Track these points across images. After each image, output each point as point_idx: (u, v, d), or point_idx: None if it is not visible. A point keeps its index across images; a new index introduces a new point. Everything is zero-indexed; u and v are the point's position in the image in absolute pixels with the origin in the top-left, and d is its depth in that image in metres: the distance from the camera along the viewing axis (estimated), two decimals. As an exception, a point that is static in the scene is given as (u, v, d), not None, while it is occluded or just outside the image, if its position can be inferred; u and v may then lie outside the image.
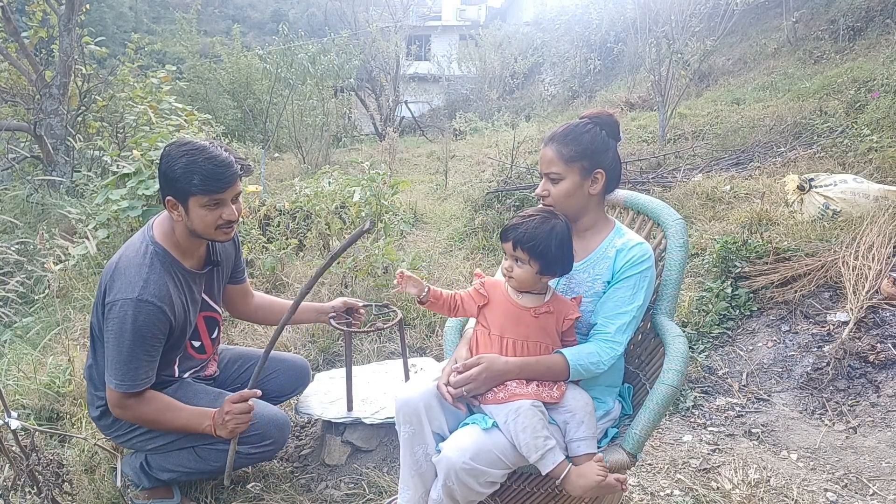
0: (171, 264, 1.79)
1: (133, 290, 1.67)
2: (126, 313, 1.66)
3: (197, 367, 2.01)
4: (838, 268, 3.07)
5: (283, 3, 41.64)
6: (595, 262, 1.64)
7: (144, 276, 1.70)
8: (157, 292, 1.70)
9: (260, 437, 1.88)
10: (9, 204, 6.18)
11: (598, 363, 1.53)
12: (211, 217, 1.71)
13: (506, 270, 1.57)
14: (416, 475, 1.54)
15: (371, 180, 4.69)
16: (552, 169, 1.62)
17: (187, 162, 1.65)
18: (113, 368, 1.71)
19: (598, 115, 1.66)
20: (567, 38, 14.23)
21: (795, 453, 2.35)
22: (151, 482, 1.94)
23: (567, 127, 1.64)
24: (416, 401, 1.52)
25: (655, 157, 6.61)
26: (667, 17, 6.98)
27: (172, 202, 1.71)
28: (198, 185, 1.65)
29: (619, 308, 1.57)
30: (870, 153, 4.75)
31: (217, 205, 1.71)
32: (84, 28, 7.24)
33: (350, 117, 14.04)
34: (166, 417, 1.77)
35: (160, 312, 1.70)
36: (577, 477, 1.42)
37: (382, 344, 3.19)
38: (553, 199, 1.63)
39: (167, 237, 1.80)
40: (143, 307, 1.67)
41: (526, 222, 1.53)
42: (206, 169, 1.65)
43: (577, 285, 1.65)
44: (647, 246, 1.62)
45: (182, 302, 1.81)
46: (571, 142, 1.61)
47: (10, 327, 3.67)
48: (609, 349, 1.55)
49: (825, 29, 9.14)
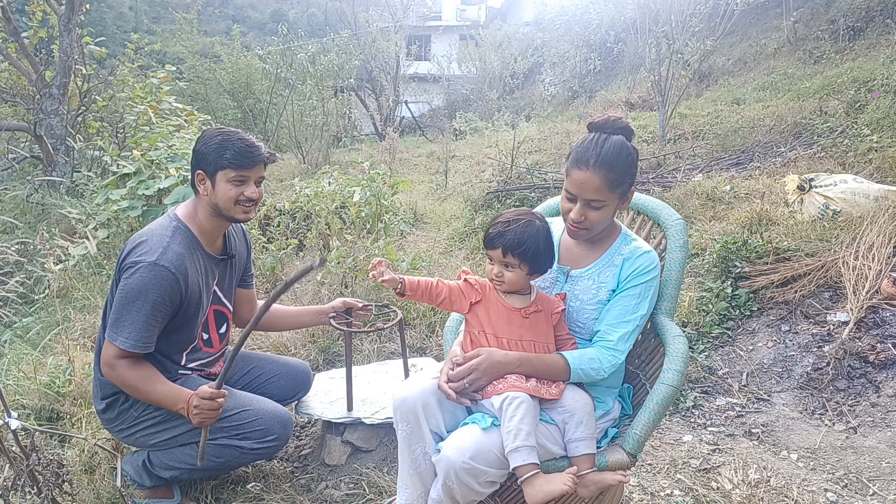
0: (191, 241, 1.88)
1: (152, 255, 1.76)
2: (142, 275, 1.73)
3: (203, 361, 2.02)
4: (838, 268, 3.07)
5: (283, 3, 41.63)
6: (600, 270, 1.63)
7: (165, 244, 1.79)
8: (175, 261, 1.77)
9: (263, 433, 1.89)
10: (9, 204, 6.18)
11: (598, 369, 1.53)
12: (234, 192, 1.85)
13: (495, 277, 1.56)
14: (414, 474, 1.53)
15: (371, 180, 4.69)
16: (597, 196, 1.52)
17: (222, 140, 1.83)
18: (121, 326, 1.74)
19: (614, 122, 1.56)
20: (567, 38, 14.22)
21: (795, 453, 2.35)
22: (153, 480, 1.95)
23: (611, 148, 1.52)
24: (414, 400, 1.51)
25: (655, 157, 6.61)
26: (667, 17, 6.98)
27: (202, 176, 1.85)
28: (228, 159, 1.82)
29: (623, 317, 1.57)
30: (870, 153, 4.75)
31: (241, 182, 1.86)
32: (84, 28, 7.25)
33: (350, 117, 14.02)
34: (147, 387, 1.77)
35: (174, 280, 1.76)
36: (543, 482, 1.40)
37: (382, 344, 3.19)
38: (588, 225, 1.57)
39: (191, 218, 1.91)
40: (159, 271, 1.74)
41: (511, 228, 1.52)
42: (238, 146, 1.83)
43: (581, 292, 1.64)
44: (654, 255, 1.61)
45: (197, 280, 1.86)
46: (619, 165, 1.52)
47: (10, 327, 3.68)
48: (611, 356, 1.55)
49: (825, 29, 9.14)
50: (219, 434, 1.85)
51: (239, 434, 1.87)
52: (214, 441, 1.85)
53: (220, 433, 1.85)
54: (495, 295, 1.59)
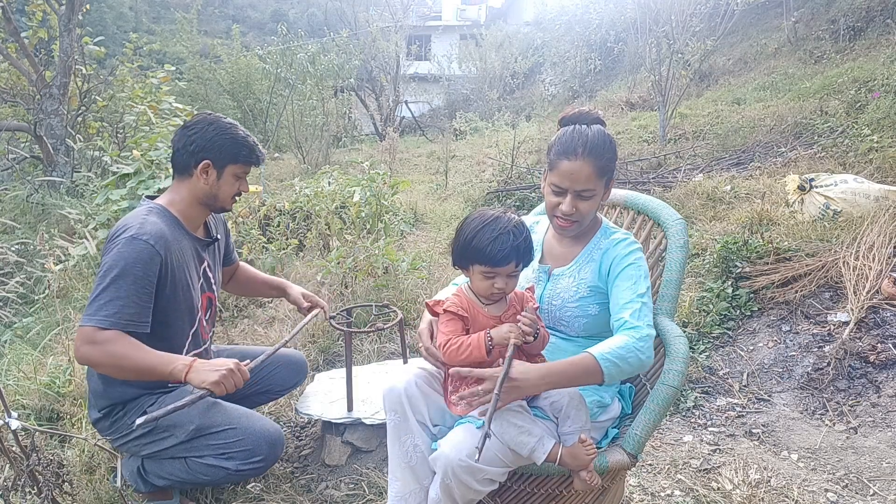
0: (172, 221, 1.85)
1: (128, 232, 1.72)
2: (120, 250, 1.68)
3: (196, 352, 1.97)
4: (839, 268, 3.07)
5: (283, 3, 41.63)
6: (580, 267, 1.63)
7: (141, 220, 1.75)
8: (153, 232, 1.72)
9: (249, 454, 1.80)
10: (9, 204, 6.18)
11: (626, 347, 1.40)
12: (235, 187, 1.91)
13: (497, 290, 1.49)
14: (406, 467, 1.52)
15: (371, 180, 4.69)
16: (588, 186, 1.51)
17: (241, 135, 1.88)
18: (98, 303, 1.63)
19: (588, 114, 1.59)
20: (567, 38, 14.22)
21: (796, 453, 2.34)
22: (148, 487, 1.93)
23: (596, 136, 1.52)
24: (399, 390, 1.52)
25: (656, 156, 6.61)
26: (667, 16, 6.98)
27: (208, 165, 1.85)
28: (245, 156, 1.88)
29: (625, 300, 1.51)
30: (870, 153, 4.75)
31: (241, 178, 1.92)
32: (84, 28, 7.25)
33: (350, 117, 14.01)
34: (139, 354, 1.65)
35: (153, 251, 1.70)
36: (570, 458, 1.44)
37: (382, 344, 3.19)
38: (579, 216, 1.55)
39: (171, 203, 1.89)
40: (135, 244, 1.69)
41: (513, 234, 1.45)
42: (251, 144, 1.90)
43: (563, 290, 1.64)
44: (630, 238, 1.61)
45: (182, 259, 1.82)
46: (606, 152, 1.51)
47: (10, 327, 3.68)
48: (634, 333, 1.44)
49: (825, 29, 9.13)
50: (205, 452, 1.80)
51: (224, 454, 1.80)
52: (201, 459, 1.81)
53: (206, 451, 1.80)
54: (475, 308, 1.53)
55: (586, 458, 1.44)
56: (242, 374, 1.69)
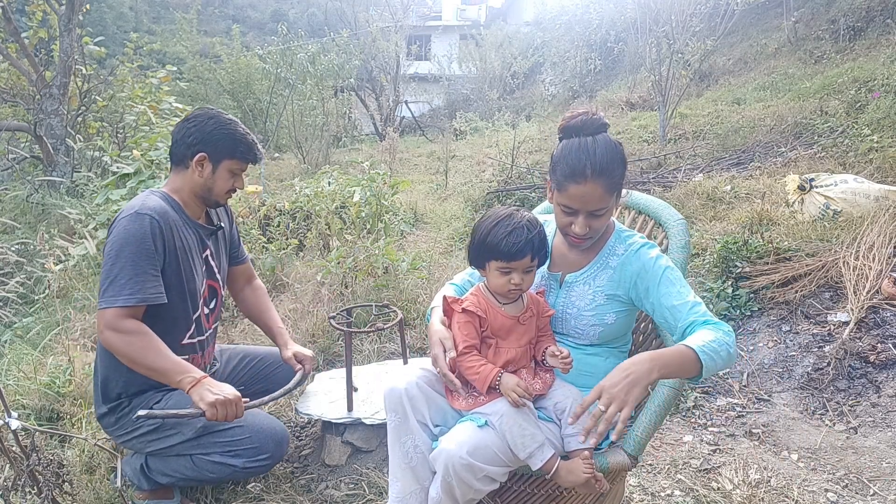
0: (174, 204, 1.87)
1: (131, 210, 1.75)
2: (124, 226, 1.71)
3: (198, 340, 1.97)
4: (839, 268, 3.07)
5: (283, 3, 41.62)
6: (595, 273, 1.59)
7: (142, 200, 1.79)
8: (154, 207, 1.77)
9: (256, 451, 1.83)
10: (9, 204, 6.18)
11: (717, 341, 1.34)
12: (230, 182, 1.92)
13: (514, 286, 1.47)
14: (406, 468, 1.52)
15: (371, 180, 4.70)
16: (600, 205, 1.46)
17: (240, 131, 1.89)
18: (115, 284, 1.66)
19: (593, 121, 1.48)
20: (567, 37, 14.22)
21: (796, 453, 2.34)
22: (150, 484, 1.94)
23: (603, 153, 1.44)
24: (400, 390, 1.51)
25: (656, 156, 6.61)
26: (667, 16, 6.98)
27: (203, 158, 1.85)
28: (242, 152, 1.89)
29: (679, 302, 1.44)
30: (870, 153, 4.75)
31: (236, 174, 1.93)
32: (84, 28, 7.25)
33: (350, 117, 14.01)
34: (149, 357, 1.68)
35: (156, 224, 1.74)
36: (566, 472, 1.42)
37: (382, 344, 3.18)
38: (592, 233, 1.52)
39: (173, 191, 1.91)
40: (140, 218, 1.72)
41: (527, 229, 1.45)
42: (249, 141, 1.91)
43: (577, 298, 1.60)
44: (648, 244, 1.56)
45: (184, 239, 1.84)
46: (615, 168, 1.46)
47: (10, 327, 3.67)
48: (718, 327, 1.39)
49: (825, 29, 9.13)
50: (212, 449, 1.82)
51: (231, 451, 1.82)
52: (208, 457, 1.82)
53: (213, 448, 1.82)
54: (493, 308, 1.52)
55: (582, 477, 1.40)
56: (238, 409, 1.71)
